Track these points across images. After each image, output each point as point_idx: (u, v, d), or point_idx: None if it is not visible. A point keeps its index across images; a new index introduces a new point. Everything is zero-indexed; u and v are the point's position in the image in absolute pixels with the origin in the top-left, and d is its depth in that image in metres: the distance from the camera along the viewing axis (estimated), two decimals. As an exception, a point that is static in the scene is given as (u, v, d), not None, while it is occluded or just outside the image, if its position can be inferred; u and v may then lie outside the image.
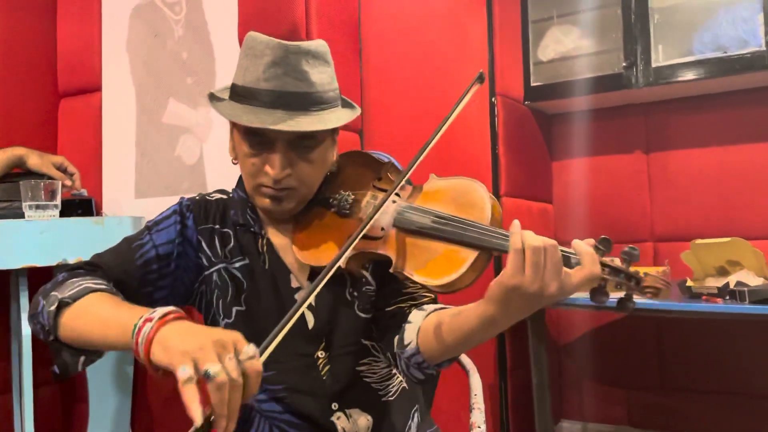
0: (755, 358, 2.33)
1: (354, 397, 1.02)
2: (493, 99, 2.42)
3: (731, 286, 1.77)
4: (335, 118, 1.00)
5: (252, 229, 1.06)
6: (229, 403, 0.69)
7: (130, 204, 1.94)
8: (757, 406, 2.33)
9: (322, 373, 1.01)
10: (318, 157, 1.01)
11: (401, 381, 1.10)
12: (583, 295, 2.15)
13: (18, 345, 1.62)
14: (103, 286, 0.93)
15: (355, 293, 1.04)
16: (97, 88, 2.04)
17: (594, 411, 2.68)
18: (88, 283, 0.92)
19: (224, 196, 1.11)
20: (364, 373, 1.04)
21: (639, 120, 2.62)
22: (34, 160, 1.73)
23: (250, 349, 0.73)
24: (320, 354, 1.02)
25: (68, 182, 1.77)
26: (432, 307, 1.00)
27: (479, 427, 1.14)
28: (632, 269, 0.80)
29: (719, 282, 1.82)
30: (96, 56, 2.04)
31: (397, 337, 0.98)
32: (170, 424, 1.81)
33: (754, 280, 1.77)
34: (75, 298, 0.89)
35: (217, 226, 1.06)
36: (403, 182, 0.94)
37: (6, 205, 1.64)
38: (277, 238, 1.06)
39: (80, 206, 1.77)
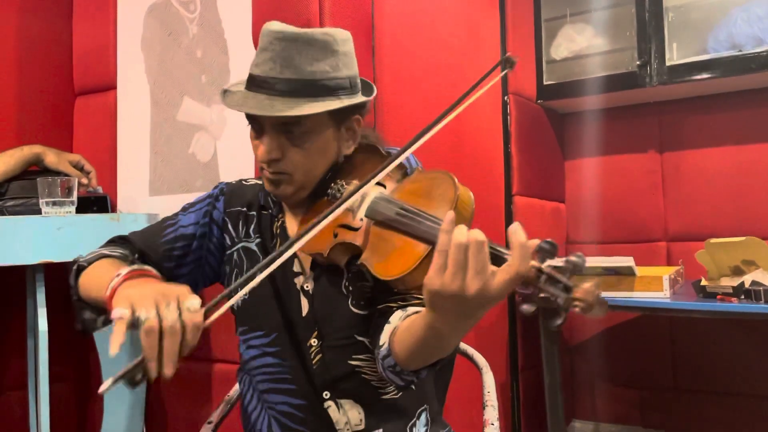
0: (770, 358, 2.31)
1: (347, 389, 1.02)
2: (505, 98, 2.41)
3: (746, 285, 1.76)
4: (315, 107, 0.96)
5: (270, 212, 1.10)
6: (161, 348, 0.72)
7: (145, 201, 1.96)
8: (773, 407, 2.31)
9: (314, 361, 1.02)
10: (313, 145, 1.00)
11: None
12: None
13: (34, 341, 1.64)
14: (117, 254, 1.02)
15: (351, 287, 1.02)
16: (112, 87, 2.05)
17: (606, 411, 2.67)
18: (105, 250, 1.03)
19: (260, 182, 1.14)
20: (361, 368, 1.02)
21: (653, 119, 2.61)
22: (51, 158, 1.75)
23: (192, 302, 0.76)
24: (313, 342, 1.02)
25: (84, 180, 1.79)
26: (414, 309, 0.95)
27: (492, 423, 1.14)
28: (564, 278, 0.67)
29: (734, 281, 1.80)
30: (111, 55, 2.06)
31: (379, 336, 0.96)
32: (183, 421, 1.82)
33: (769, 280, 1.76)
34: (89, 262, 1.00)
35: (245, 209, 1.12)
36: (386, 172, 0.89)
37: (23, 202, 1.66)
38: (291, 222, 1.09)
39: (96, 203, 1.79)
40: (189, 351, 0.75)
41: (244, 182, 1.16)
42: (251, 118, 1.01)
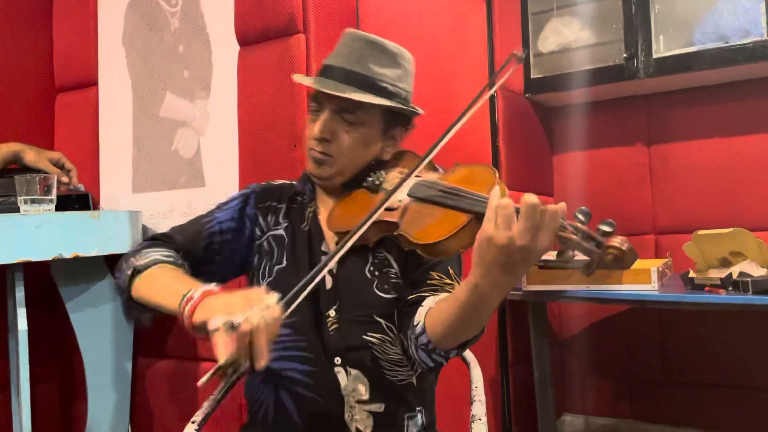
0: (759, 349, 2.32)
1: (357, 359, 1.09)
2: (493, 92, 2.40)
3: (734, 276, 1.75)
4: (374, 100, 1.09)
5: (303, 198, 1.22)
6: (252, 346, 0.85)
7: (128, 199, 1.93)
8: (761, 398, 2.32)
9: (330, 329, 1.10)
10: (360, 135, 1.12)
11: (411, 375, 1.14)
12: (582, 287, 2.11)
13: (15, 342, 1.61)
14: (170, 258, 1.14)
15: (376, 272, 1.12)
16: (94, 83, 2.03)
17: (596, 405, 2.67)
18: (158, 255, 1.13)
19: (287, 182, 1.29)
20: (373, 345, 1.09)
21: (640, 112, 2.60)
22: (31, 156, 1.72)
23: (271, 298, 0.90)
24: (332, 313, 1.11)
25: (65, 178, 1.76)
26: (446, 294, 1.04)
27: (480, 419, 1.13)
28: (596, 235, 0.83)
29: (722, 273, 1.80)
30: (92, 51, 2.03)
31: (411, 320, 1.05)
32: (169, 421, 1.80)
33: (757, 271, 1.76)
34: (145, 267, 1.10)
35: (275, 203, 1.24)
36: (425, 162, 1.02)
37: (1, 200, 1.63)
38: (323, 208, 1.19)
39: (77, 201, 1.76)
40: (274, 340, 0.89)
41: (272, 182, 1.29)
42: (315, 99, 1.14)
